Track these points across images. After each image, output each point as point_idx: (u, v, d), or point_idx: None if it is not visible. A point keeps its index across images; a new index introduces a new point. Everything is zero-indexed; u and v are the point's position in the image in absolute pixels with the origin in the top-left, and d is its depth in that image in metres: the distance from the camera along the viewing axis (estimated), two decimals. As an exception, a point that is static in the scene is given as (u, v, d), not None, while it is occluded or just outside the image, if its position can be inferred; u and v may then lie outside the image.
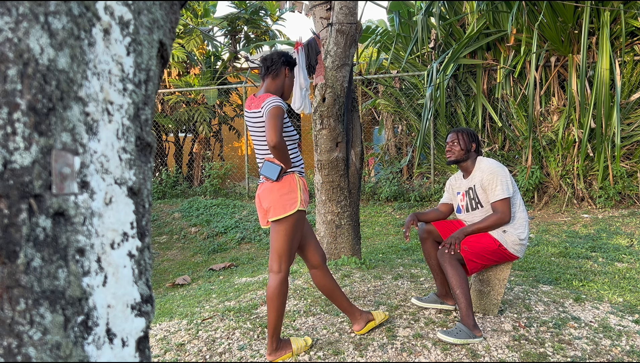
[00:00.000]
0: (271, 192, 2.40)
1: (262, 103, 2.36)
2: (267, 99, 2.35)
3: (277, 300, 2.43)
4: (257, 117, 2.40)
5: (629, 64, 6.17)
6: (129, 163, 0.63)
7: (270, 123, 2.23)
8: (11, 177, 0.48)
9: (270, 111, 2.28)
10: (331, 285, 2.60)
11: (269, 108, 2.29)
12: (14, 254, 0.48)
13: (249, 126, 2.52)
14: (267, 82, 2.51)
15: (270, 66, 2.50)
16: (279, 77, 2.50)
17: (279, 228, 2.42)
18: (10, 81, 0.49)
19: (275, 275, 2.45)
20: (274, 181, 2.37)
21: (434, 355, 2.48)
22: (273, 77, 2.50)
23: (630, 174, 6.24)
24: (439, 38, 7.30)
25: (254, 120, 2.43)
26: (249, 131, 2.54)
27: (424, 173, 7.85)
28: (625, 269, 4.08)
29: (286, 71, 2.51)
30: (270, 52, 2.58)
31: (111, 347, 0.59)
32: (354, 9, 3.71)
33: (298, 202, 2.40)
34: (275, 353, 2.46)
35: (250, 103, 2.48)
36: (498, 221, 2.73)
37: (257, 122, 2.42)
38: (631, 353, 2.51)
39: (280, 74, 2.50)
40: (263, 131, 2.41)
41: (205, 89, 9.07)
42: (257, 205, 2.53)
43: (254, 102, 2.45)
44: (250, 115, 2.46)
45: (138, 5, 0.64)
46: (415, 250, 4.99)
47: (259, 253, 6.02)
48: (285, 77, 2.52)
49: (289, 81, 2.54)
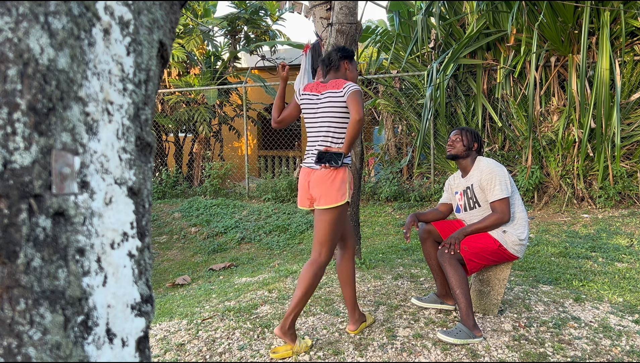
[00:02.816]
0: (324, 181, 2.50)
1: (342, 85, 2.53)
2: (347, 83, 2.54)
3: (312, 285, 2.51)
4: (337, 96, 2.53)
5: (629, 64, 6.17)
6: (129, 163, 0.63)
7: (357, 100, 2.44)
8: (11, 177, 0.48)
9: (355, 91, 2.48)
10: (350, 273, 2.68)
11: (353, 89, 2.49)
12: (14, 254, 0.48)
13: (314, 107, 2.62)
14: (331, 75, 2.69)
15: (329, 64, 2.69)
16: (339, 70, 2.69)
17: (325, 217, 2.52)
18: (10, 81, 0.49)
19: (317, 261, 2.55)
20: (337, 168, 2.49)
21: (434, 355, 2.48)
22: (335, 72, 2.69)
23: (630, 174, 6.24)
24: (439, 38, 7.29)
25: (329, 100, 2.56)
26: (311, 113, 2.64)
27: (424, 173, 7.85)
28: (625, 269, 4.08)
29: (345, 64, 2.69)
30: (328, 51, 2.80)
31: (111, 347, 0.59)
32: (354, 9, 3.71)
33: (347, 194, 2.52)
34: (291, 340, 2.52)
35: (317, 87, 2.64)
36: (497, 220, 2.74)
37: (334, 102, 2.54)
38: (631, 353, 2.51)
39: (341, 67, 2.69)
40: (335, 110, 2.54)
41: (205, 89, 9.07)
42: (302, 187, 2.61)
43: (323, 87, 2.61)
44: (323, 96, 2.58)
45: (138, 5, 0.64)
46: (415, 250, 4.99)
47: (259, 253, 6.02)
48: (346, 69, 2.70)
49: (350, 73, 2.71)
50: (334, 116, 2.55)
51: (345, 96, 2.50)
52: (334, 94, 2.54)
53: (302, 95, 2.69)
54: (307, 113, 2.65)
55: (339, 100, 2.53)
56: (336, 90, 2.54)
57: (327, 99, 2.56)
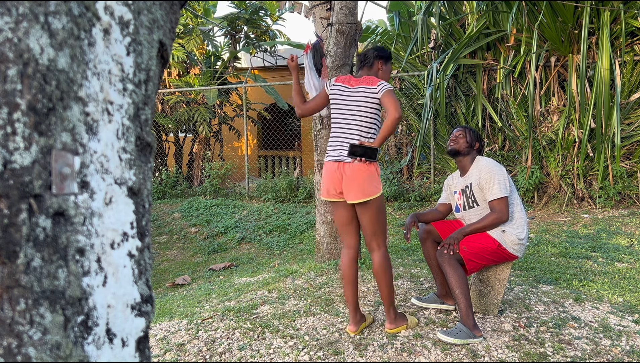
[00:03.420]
0: (361, 174, 2.56)
1: (376, 83, 2.60)
2: (381, 81, 2.62)
3: (386, 274, 2.65)
4: (370, 92, 2.60)
5: (629, 64, 6.17)
6: (129, 163, 0.63)
7: (394, 98, 2.53)
8: (11, 177, 0.48)
9: (390, 89, 2.57)
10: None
11: (388, 87, 2.58)
12: (14, 254, 0.48)
13: (346, 100, 2.66)
14: (364, 71, 2.76)
15: (363, 60, 2.78)
16: (372, 68, 2.76)
17: (368, 210, 2.61)
18: (10, 81, 0.49)
19: (377, 252, 2.66)
20: (372, 162, 2.56)
21: (434, 355, 2.48)
22: (368, 69, 2.76)
23: (630, 174, 6.24)
24: (439, 38, 7.29)
25: (361, 95, 2.62)
26: (341, 105, 2.68)
27: (424, 173, 7.85)
28: (625, 269, 4.08)
29: (379, 64, 2.77)
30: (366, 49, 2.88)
31: (111, 347, 0.59)
32: (354, 9, 3.71)
33: (381, 186, 2.63)
34: (395, 322, 2.71)
35: (349, 80, 2.70)
36: (496, 220, 2.74)
37: (367, 97, 2.60)
38: (631, 353, 2.51)
39: (374, 65, 2.76)
40: (367, 105, 2.61)
41: (205, 89, 9.07)
42: (333, 179, 2.63)
43: (356, 81, 2.67)
44: (356, 90, 2.64)
45: (138, 5, 0.64)
46: (415, 250, 4.99)
47: (259, 253, 6.02)
48: (379, 69, 2.77)
49: (383, 73, 2.78)
50: (366, 111, 2.61)
51: (379, 94, 2.57)
52: (368, 90, 2.61)
53: (333, 85, 2.73)
54: (336, 104, 2.70)
55: (372, 96, 2.59)
56: (370, 86, 2.61)
57: (360, 94, 2.62)
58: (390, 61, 2.82)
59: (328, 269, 3.85)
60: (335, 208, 2.73)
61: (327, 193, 2.68)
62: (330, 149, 2.67)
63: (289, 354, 2.53)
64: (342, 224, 2.75)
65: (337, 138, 2.66)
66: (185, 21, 9.70)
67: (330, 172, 2.64)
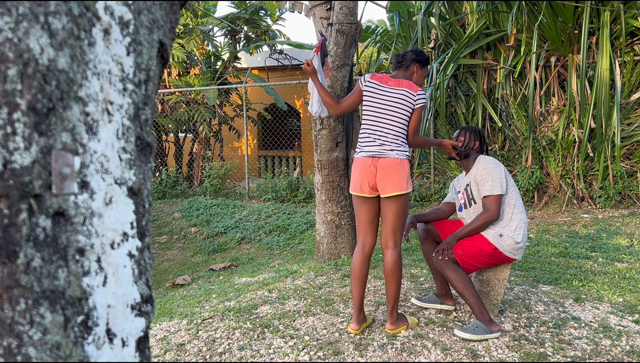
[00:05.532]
0: (396, 169, 2.61)
1: (417, 91, 2.68)
2: (420, 91, 2.69)
3: (397, 274, 2.66)
4: (410, 97, 2.67)
5: (629, 64, 6.17)
6: (129, 163, 0.63)
7: (419, 119, 2.68)
8: (11, 177, 0.48)
9: (424, 106, 2.70)
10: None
11: (423, 103, 2.69)
12: (14, 254, 0.48)
13: (384, 98, 2.70)
14: (399, 72, 2.80)
15: (400, 61, 2.80)
16: (408, 70, 2.80)
17: (395, 204, 2.64)
18: (10, 81, 0.49)
19: (393, 251, 2.67)
20: (406, 159, 2.66)
21: (434, 355, 2.48)
22: (404, 70, 2.80)
23: (630, 174, 6.24)
24: (439, 38, 7.29)
25: (403, 96, 2.67)
26: (378, 102, 2.71)
27: (424, 173, 7.85)
28: (625, 269, 4.08)
29: (416, 67, 2.80)
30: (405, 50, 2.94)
31: (111, 347, 0.59)
32: (354, 9, 3.71)
33: (411, 184, 2.69)
34: (396, 323, 2.72)
35: (385, 79, 2.74)
36: (486, 219, 2.74)
37: (407, 101, 2.67)
38: (631, 353, 2.51)
39: (410, 68, 2.80)
40: (405, 107, 2.67)
41: (205, 89, 9.07)
42: (367, 174, 2.65)
43: (395, 82, 2.72)
44: (398, 91, 2.69)
45: (138, 5, 0.64)
46: (415, 250, 4.99)
47: (259, 253, 6.02)
48: (414, 73, 2.80)
49: (417, 77, 2.82)
50: (404, 112, 2.66)
51: (416, 104, 2.67)
52: (409, 95, 2.67)
53: (368, 82, 2.75)
54: (372, 101, 2.72)
55: (411, 101, 2.67)
56: (412, 91, 2.67)
57: (402, 95, 2.67)
58: (426, 66, 2.85)
59: (328, 269, 3.85)
60: (363, 204, 2.73)
61: (361, 189, 2.68)
62: (364, 145, 2.69)
63: (289, 354, 2.53)
64: (365, 222, 2.75)
65: (372, 134, 2.68)
66: (185, 21, 9.70)
67: (365, 167, 2.66)
